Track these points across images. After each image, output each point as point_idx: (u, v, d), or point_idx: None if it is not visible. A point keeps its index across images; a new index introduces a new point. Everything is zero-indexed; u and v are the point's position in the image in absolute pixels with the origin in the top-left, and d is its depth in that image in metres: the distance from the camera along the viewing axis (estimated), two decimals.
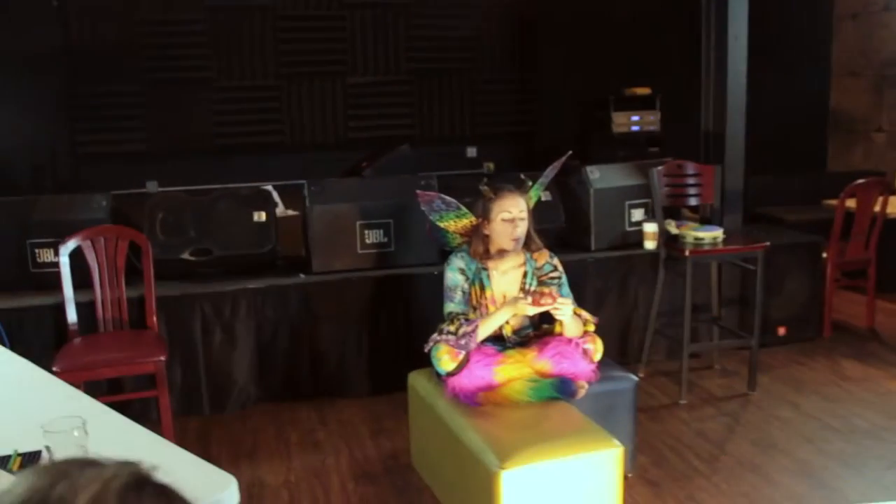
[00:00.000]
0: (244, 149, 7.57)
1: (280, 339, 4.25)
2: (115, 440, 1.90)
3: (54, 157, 7.24)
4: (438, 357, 2.89)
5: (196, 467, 1.77)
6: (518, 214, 2.92)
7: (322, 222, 4.27)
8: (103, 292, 3.91)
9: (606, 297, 4.51)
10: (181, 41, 7.32)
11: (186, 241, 4.22)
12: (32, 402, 2.15)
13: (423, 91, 7.98)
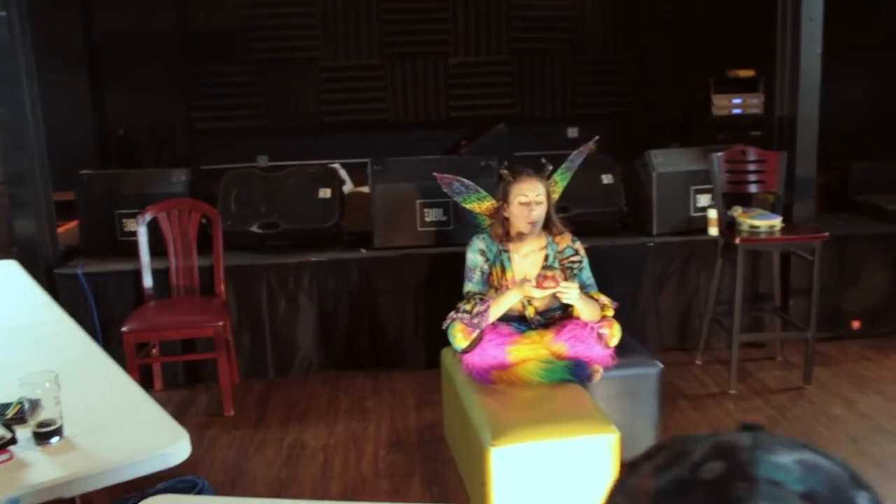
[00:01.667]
0: (349, 126, 7.80)
1: (341, 310, 4.44)
2: (90, 383, 2.10)
3: (173, 132, 7.69)
4: (453, 334, 2.97)
5: (154, 416, 1.94)
6: (535, 198, 2.95)
7: (384, 200, 4.42)
8: (177, 260, 4.21)
9: (666, 282, 4.46)
10: (290, 23, 7.61)
11: (256, 214, 4.46)
12: (49, 355, 2.38)
13: (523, 71, 7.97)
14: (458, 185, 3.17)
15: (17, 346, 2.57)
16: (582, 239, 4.25)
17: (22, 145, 4.17)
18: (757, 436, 0.57)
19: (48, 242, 4.37)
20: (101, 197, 4.51)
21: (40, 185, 4.29)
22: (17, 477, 1.68)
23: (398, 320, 4.45)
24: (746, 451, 0.54)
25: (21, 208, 4.27)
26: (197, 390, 4.27)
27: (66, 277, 4.29)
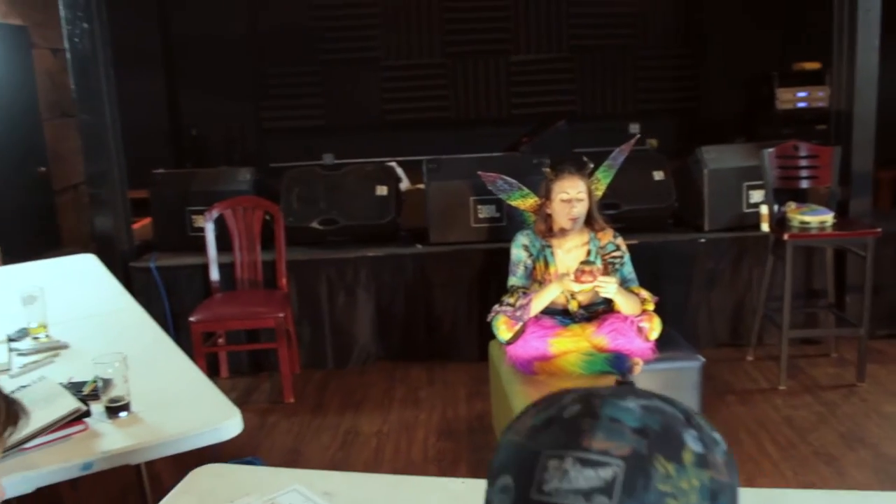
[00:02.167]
0: (412, 124, 7.97)
1: (397, 303, 4.61)
2: (155, 364, 2.30)
3: (243, 132, 7.99)
4: (497, 326, 3.10)
5: (211, 396, 2.12)
6: (576, 195, 3.06)
7: (438, 197, 4.57)
8: (242, 255, 4.43)
9: (718, 278, 4.50)
10: (354, 24, 7.82)
11: (317, 211, 4.66)
12: (121, 341, 2.58)
13: (584, 67, 8.02)
14: (501, 182, 3.29)
15: (94, 332, 2.79)
16: (632, 235, 4.37)
17: (102, 148, 4.45)
18: (618, 388, 0.70)
19: (124, 238, 4.64)
20: (173, 195, 4.76)
21: (117, 185, 4.57)
22: (90, 445, 1.88)
23: (452, 313, 4.59)
24: (600, 398, 0.67)
25: (100, 206, 4.55)
26: (260, 378, 4.49)
27: (140, 270, 4.55)
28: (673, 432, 0.64)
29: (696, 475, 0.62)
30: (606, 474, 0.60)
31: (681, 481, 0.61)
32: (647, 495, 0.60)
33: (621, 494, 0.59)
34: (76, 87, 4.34)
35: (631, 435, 0.62)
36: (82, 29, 4.19)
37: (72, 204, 6.35)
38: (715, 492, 0.63)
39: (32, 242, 5.44)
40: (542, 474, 0.62)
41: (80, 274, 3.76)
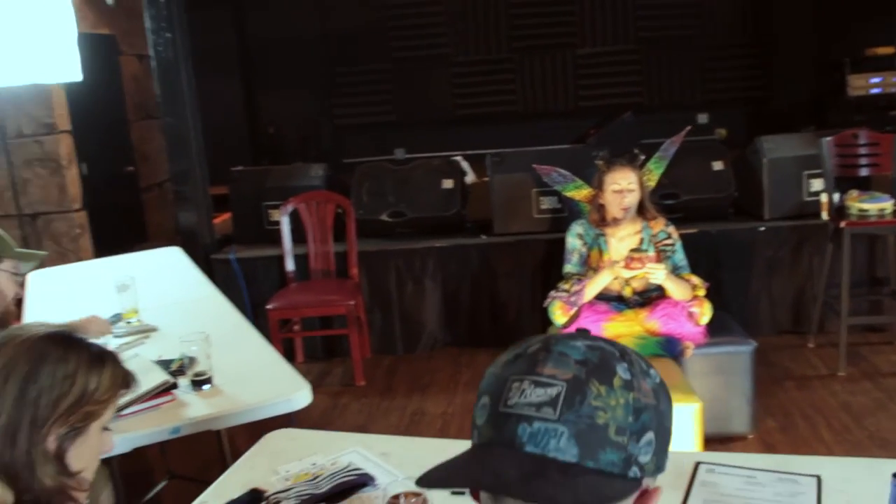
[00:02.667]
0: (480, 118, 8.12)
1: (463, 291, 4.80)
2: (234, 344, 2.54)
3: (317, 128, 8.28)
4: (553, 311, 3.26)
5: (286, 373, 2.34)
6: (627, 186, 3.19)
7: (502, 189, 4.73)
8: (315, 246, 4.67)
9: (778, 266, 4.55)
10: (422, 22, 8.02)
11: (386, 204, 4.87)
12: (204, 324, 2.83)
13: (651, 59, 8.04)
14: (556, 174, 3.44)
15: (180, 317, 3.04)
16: (691, 224, 4.47)
17: (184, 148, 4.76)
18: (573, 332, 0.86)
19: (206, 232, 4.95)
20: (250, 191, 5.03)
21: (199, 182, 4.87)
22: (177, 413, 2.12)
23: (516, 301, 4.76)
24: (556, 339, 0.83)
25: (184, 202, 4.87)
26: (333, 363, 4.73)
27: (221, 262, 4.84)
28: (607, 364, 0.80)
29: (622, 395, 0.79)
30: (552, 392, 0.77)
31: (609, 399, 0.78)
32: (583, 408, 0.77)
33: (562, 406, 0.76)
34: (160, 92, 4.66)
35: (574, 365, 0.79)
36: (165, 38, 4.50)
37: (157, 201, 6.71)
38: (638, 409, 0.79)
39: (122, 237, 5.80)
40: (507, 394, 0.79)
41: (166, 265, 4.05)
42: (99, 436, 1.27)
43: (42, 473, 1.15)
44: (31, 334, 1.23)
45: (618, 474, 0.77)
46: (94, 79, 5.80)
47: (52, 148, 4.97)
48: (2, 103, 4.58)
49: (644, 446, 0.79)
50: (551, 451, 0.76)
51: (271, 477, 1.75)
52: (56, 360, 1.20)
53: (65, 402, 1.18)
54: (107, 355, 1.31)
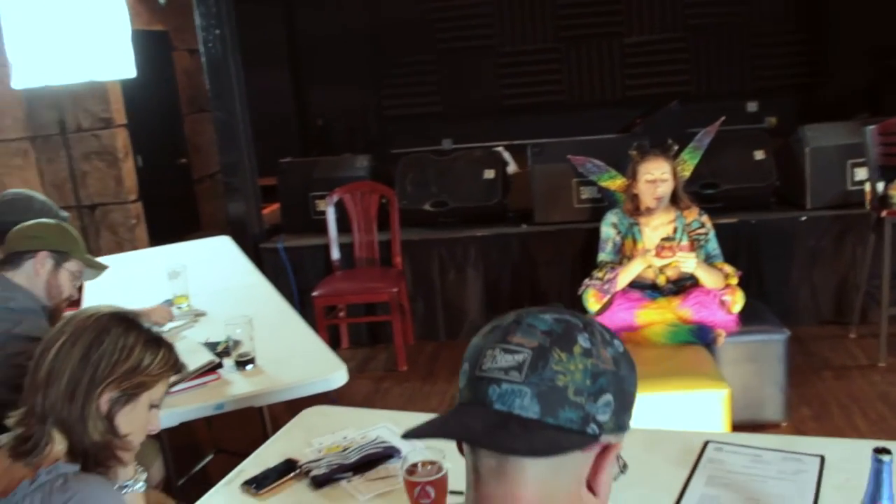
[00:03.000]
0: (527, 108, 8.17)
1: (504, 280, 4.89)
2: (277, 328, 2.67)
3: (365, 119, 8.42)
4: (587, 299, 3.34)
5: (325, 355, 2.47)
6: (660, 176, 3.24)
7: (542, 179, 4.80)
8: (359, 236, 4.80)
9: (820, 256, 4.54)
10: (469, 12, 8.09)
11: (428, 194, 4.98)
12: (250, 309, 2.97)
13: (699, 47, 7.99)
14: (590, 165, 3.51)
15: (228, 302, 3.19)
16: (732, 214, 4.49)
17: (234, 141, 4.92)
18: (545, 306, 0.95)
19: (255, 221, 5.11)
20: (297, 181, 5.18)
21: (248, 174, 5.03)
22: (222, 390, 2.26)
23: (556, 289, 4.83)
24: (527, 313, 0.93)
25: (233, 193, 5.03)
26: (377, 349, 4.86)
27: (269, 251, 5.01)
28: (570, 334, 0.89)
29: (581, 361, 0.88)
30: (519, 358, 0.87)
31: (569, 364, 0.87)
32: (545, 372, 0.86)
33: (527, 371, 0.86)
34: (210, 86, 4.83)
35: (540, 335, 0.89)
36: (214, 35, 4.66)
37: (209, 191, 6.93)
38: (596, 374, 0.88)
39: (175, 227, 6.02)
40: (482, 360, 0.90)
41: (216, 254, 4.21)
42: (147, 410, 1.40)
43: (93, 429, 1.30)
44: (100, 311, 1.39)
45: (576, 430, 0.86)
46: (149, 74, 6.01)
47: (109, 141, 5.19)
48: (61, 99, 4.79)
49: (602, 406, 0.88)
50: (516, 409, 0.86)
51: (305, 448, 1.87)
52: (118, 334, 1.35)
53: (121, 368, 1.32)
54: (163, 341, 1.45)
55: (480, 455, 0.90)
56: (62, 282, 2.30)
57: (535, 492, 0.87)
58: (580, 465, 0.90)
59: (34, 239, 2.28)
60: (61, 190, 5.19)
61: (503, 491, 0.88)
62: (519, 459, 0.87)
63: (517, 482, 0.87)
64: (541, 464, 0.87)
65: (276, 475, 1.76)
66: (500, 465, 0.88)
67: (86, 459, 1.30)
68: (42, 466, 1.27)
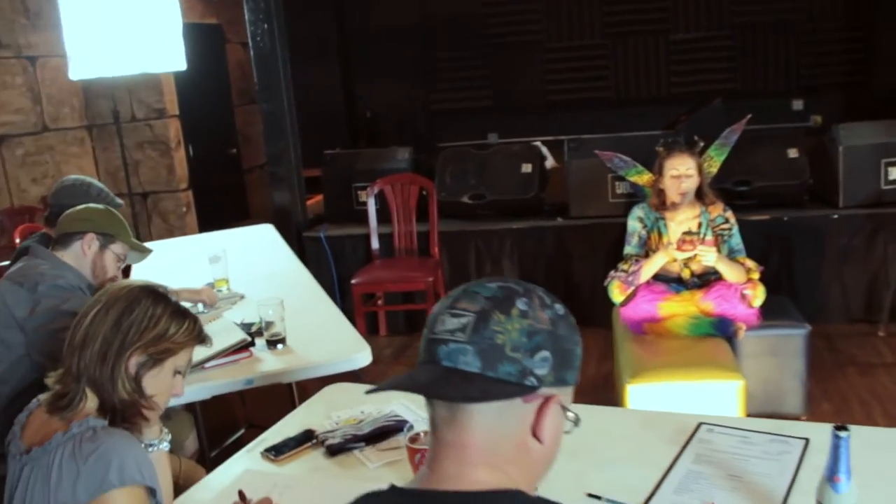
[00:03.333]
0: (573, 104, 8.23)
1: (539, 272, 4.99)
2: (310, 311, 2.82)
3: (413, 113, 8.57)
4: (612, 290, 3.43)
5: (349, 335, 2.61)
6: (685, 172, 3.31)
7: (578, 174, 4.89)
8: (399, 226, 4.95)
9: (851, 254, 4.55)
10: (517, 8, 8.19)
11: (467, 187, 5.10)
12: (288, 293, 3.13)
13: (745, 44, 7.97)
14: (618, 160, 3.60)
15: (266, 287, 3.35)
16: (764, 211, 4.53)
17: (280, 132, 5.11)
18: (493, 277, 1.07)
19: (299, 210, 5.30)
20: (341, 173, 5.35)
21: (293, 164, 5.21)
22: (253, 367, 2.42)
23: (589, 282, 4.91)
24: (475, 282, 1.05)
25: (279, 183, 5.22)
26: (414, 337, 5.01)
27: (312, 240, 5.19)
28: (510, 299, 1.02)
29: (518, 322, 0.99)
30: (464, 321, 1.00)
31: (507, 325, 0.99)
32: (485, 332, 0.98)
33: (470, 331, 0.99)
34: (258, 79, 5.02)
35: (483, 300, 1.01)
36: (263, 29, 4.84)
37: (258, 181, 7.15)
38: (532, 333, 1.00)
39: (224, 215, 6.24)
40: (434, 325, 1.03)
41: (259, 241, 4.39)
42: (171, 375, 1.55)
43: (121, 388, 1.45)
44: (133, 284, 1.56)
45: (514, 382, 0.98)
46: (201, 66, 6.25)
47: (161, 131, 5.41)
48: (116, 90, 5.02)
49: (539, 361, 1.00)
50: (460, 364, 0.99)
51: (325, 421, 2.01)
52: (148, 305, 1.51)
53: (148, 335, 1.48)
54: (189, 314, 1.60)
55: (436, 406, 1.02)
56: (107, 262, 2.48)
57: (482, 438, 1.00)
58: (524, 415, 1.02)
59: (83, 221, 2.46)
60: (115, 178, 5.44)
61: (454, 437, 1.01)
62: (467, 409, 1.00)
63: (466, 429, 1.00)
64: (487, 413, 1.00)
65: (294, 443, 1.90)
66: (451, 415, 1.01)
67: (114, 415, 1.46)
68: (74, 420, 1.43)
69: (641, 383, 3.00)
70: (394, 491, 1.04)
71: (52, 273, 2.39)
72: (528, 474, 1.04)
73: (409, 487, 1.04)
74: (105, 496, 1.32)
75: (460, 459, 1.00)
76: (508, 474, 1.01)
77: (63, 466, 1.35)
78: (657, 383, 3.00)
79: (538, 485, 1.08)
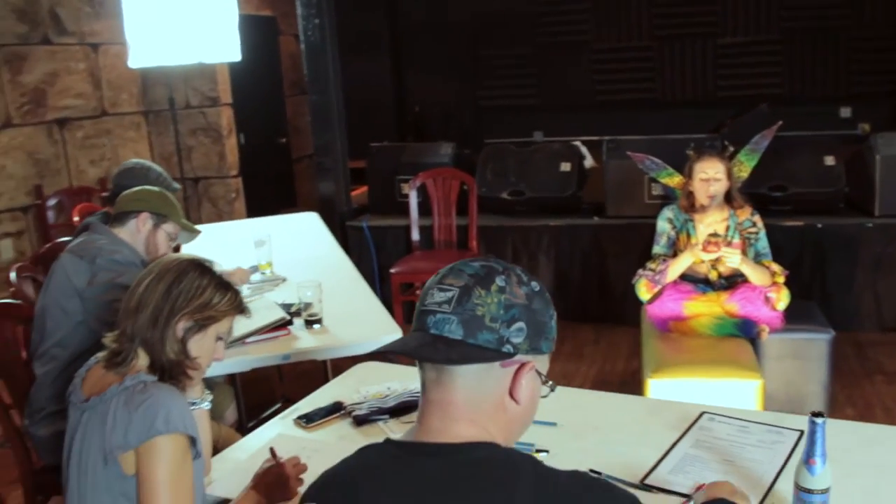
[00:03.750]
0: (619, 104, 8.30)
1: (574, 268, 5.11)
2: (347, 295, 2.99)
3: (460, 109, 8.71)
4: (639, 288, 3.53)
5: (383, 319, 2.77)
6: (714, 175, 3.40)
7: (616, 174, 4.99)
8: (439, 219, 5.09)
9: (886, 263, 4.58)
10: (566, 8, 8.28)
11: (507, 183, 5.23)
12: (327, 277, 3.30)
13: (793, 50, 7.94)
14: (649, 162, 3.70)
15: (307, 270, 3.52)
16: (798, 217, 4.59)
17: (328, 124, 5.29)
18: (478, 256, 1.21)
19: (343, 200, 5.48)
20: (386, 165, 5.51)
21: (340, 155, 5.40)
22: (289, 344, 2.59)
23: (623, 280, 4.99)
24: (461, 261, 1.18)
25: (325, 173, 5.40)
26: None
27: (355, 229, 5.36)
28: (490, 276, 1.15)
29: (496, 296, 1.13)
30: (449, 295, 1.13)
31: (486, 298, 1.12)
32: (468, 305, 1.12)
33: (454, 304, 1.12)
34: (307, 71, 5.20)
35: (466, 277, 1.15)
36: (314, 24, 5.02)
37: (307, 171, 7.35)
38: (509, 306, 1.13)
39: (272, 202, 6.45)
40: (425, 298, 1.17)
41: (303, 228, 4.57)
42: (214, 340, 1.71)
43: (169, 349, 1.63)
44: (182, 258, 1.72)
45: (492, 349, 1.12)
46: (255, 56, 6.46)
47: (214, 119, 5.63)
48: (173, 79, 5.24)
49: (515, 331, 1.13)
50: (445, 332, 1.12)
51: (353, 395, 2.17)
52: (195, 276, 1.68)
53: (195, 303, 1.65)
54: (231, 286, 1.76)
55: (425, 369, 1.17)
56: (159, 240, 2.66)
57: (464, 397, 1.14)
58: (502, 378, 1.15)
59: (138, 201, 2.65)
60: (168, 162, 5.67)
61: (440, 396, 1.15)
62: (451, 371, 1.13)
63: (450, 389, 1.14)
64: (468, 375, 1.13)
65: (324, 413, 2.06)
66: (438, 376, 1.15)
67: (162, 373, 1.64)
68: (128, 375, 1.61)
69: (662, 378, 3.11)
70: (389, 443, 1.18)
71: (110, 248, 2.58)
72: (506, 431, 1.17)
73: (402, 440, 1.18)
74: (152, 441, 1.50)
75: (445, 416, 1.14)
76: (487, 430, 1.14)
77: (117, 414, 1.52)
78: (678, 379, 3.10)
79: (515, 441, 1.21)
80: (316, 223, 4.66)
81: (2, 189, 4.96)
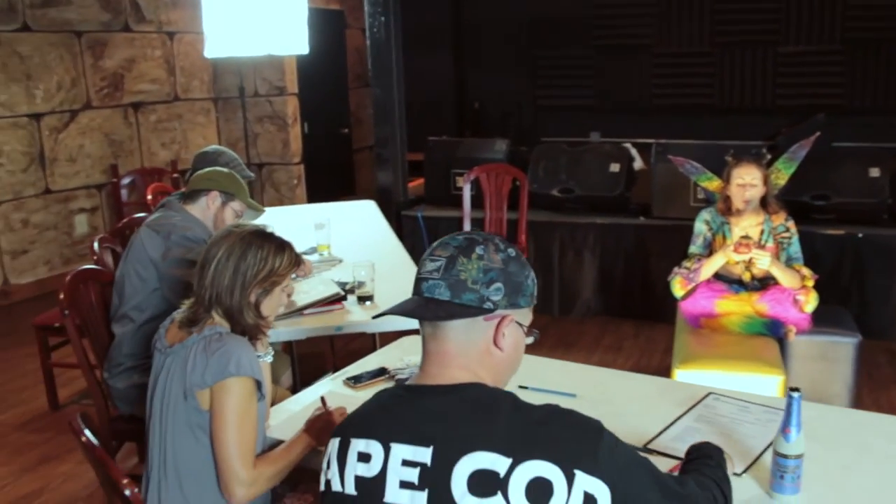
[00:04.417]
0: (677, 109, 8.40)
1: (618, 266, 5.29)
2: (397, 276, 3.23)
3: (518, 107, 8.91)
4: (674, 285, 3.71)
5: None
6: (750, 181, 3.56)
7: (663, 176, 5.15)
8: (490, 213, 5.31)
9: None
10: (627, 12, 8.41)
11: (557, 181, 5.43)
12: (377, 257, 3.55)
13: (856, 60, 7.93)
14: (689, 166, 3.87)
15: (362, 253, 3.77)
16: (840, 226, 4.71)
17: (389, 117, 5.55)
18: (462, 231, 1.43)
19: (400, 191, 5.74)
20: (442, 158, 5.76)
21: (398, 147, 5.66)
22: (343, 317, 2.86)
23: (664, 280, 5.10)
24: (450, 237, 1.40)
25: (383, 163, 5.67)
26: None
27: (409, 219, 5.62)
28: (471, 246, 1.37)
29: (476, 263, 1.34)
30: (437, 264, 1.36)
31: (468, 265, 1.34)
32: (453, 271, 1.34)
33: (442, 271, 1.35)
34: (372, 66, 5.47)
35: (452, 248, 1.37)
36: (380, 21, 5.29)
37: (366, 161, 7.64)
38: (487, 270, 1.34)
39: (332, 190, 6.75)
40: (420, 267, 1.40)
41: (361, 215, 4.85)
42: (280, 294, 1.98)
43: (246, 315, 1.90)
44: (244, 230, 1.98)
45: (475, 306, 1.34)
46: (322, 48, 6.76)
47: (280, 108, 5.94)
48: (243, 68, 5.56)
49: (493, 290, 1.35)
50: (436, 295, 1.35)
51: (398, 362, 2.42)
52: (257, 247, 1.93)
53: (261, 274, 1.91)
54: (286, 245, 2.02)
55: (424, 326, 1.40)
56: (227, 217, 2.94)
57: (455, 347, 1.36)
58: (486, 330, 1.37)
59: (208, 181, 2.93)
60: (235, 148, 6.00)
61: (436, 348, 1.38)
62: (444, 326, 1.36)
63: (443, 341, 1.37)
64: (458, 329, 1.36)
65: (370, 376, 2.32)
66: (433, 331, 1.38)
67: (242, 334, 1.91)
68: (206, 326, 1.88)
69: (688, 370, 3.29)
70: (398, 386, 1.43)
71: (183, 224, 2.86)
72: (494, 374, 1.40)
73: (408, 384, 1.42)
74: (225, 381, 1.77)
75: (441, 363, 1.37)
76: (477, 374, 1.37)
77: (196, 358, 1.80)
78: (703, 371, 3.28)
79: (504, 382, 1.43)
80: (373, 211, 4.92)
81: (79, 167, 5.34)
